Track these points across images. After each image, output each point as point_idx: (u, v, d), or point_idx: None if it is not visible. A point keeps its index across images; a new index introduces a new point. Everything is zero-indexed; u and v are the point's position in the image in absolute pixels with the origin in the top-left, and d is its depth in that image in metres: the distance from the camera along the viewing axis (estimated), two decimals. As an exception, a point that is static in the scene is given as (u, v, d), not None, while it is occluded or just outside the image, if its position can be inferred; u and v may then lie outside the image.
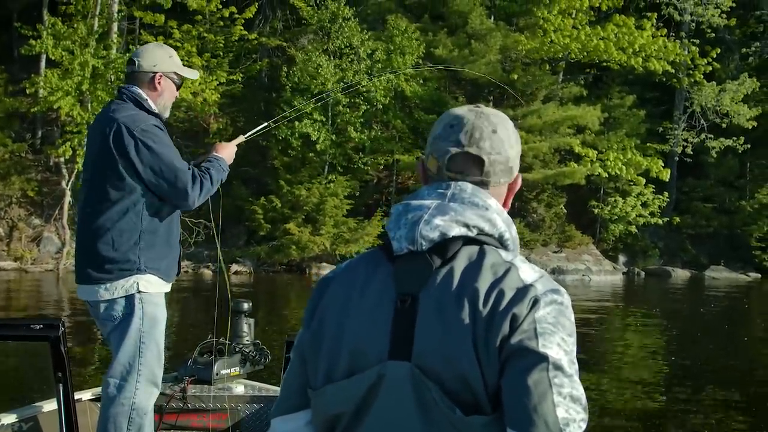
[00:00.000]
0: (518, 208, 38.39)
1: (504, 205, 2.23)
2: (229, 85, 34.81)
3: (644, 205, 39.96)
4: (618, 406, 10.59)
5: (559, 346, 1.93)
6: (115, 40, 32.55)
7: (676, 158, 42.16)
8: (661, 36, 37.72)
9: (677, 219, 41.52)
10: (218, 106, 34.63)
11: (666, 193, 40.31)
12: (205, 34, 34.80)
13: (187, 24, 34.24)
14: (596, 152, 38.24)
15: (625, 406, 10.65)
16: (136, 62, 4.88)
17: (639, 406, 10.80)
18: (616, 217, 39.82)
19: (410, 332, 1.98)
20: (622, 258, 40.94)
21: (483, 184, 2.17)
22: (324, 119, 35.27)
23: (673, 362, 14.84)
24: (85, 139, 5.30)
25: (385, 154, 37.47)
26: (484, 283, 1.98)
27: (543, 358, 1.90)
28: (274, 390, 6.27)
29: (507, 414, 1.90)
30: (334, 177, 35.37)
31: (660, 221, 39.97)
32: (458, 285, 1.99)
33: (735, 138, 40.62)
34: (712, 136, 41.18)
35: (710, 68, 39.13)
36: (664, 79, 39.44)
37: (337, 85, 34.79)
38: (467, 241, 2.07)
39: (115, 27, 33.01)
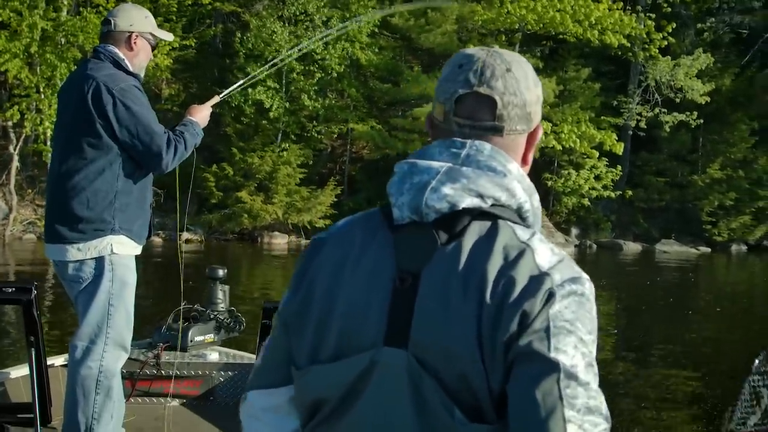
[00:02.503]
0: (472, 180, 38.31)
1: (524, 160, 1.95)
2: (182, 51, 34.32)
3: (597, 178, 40.10)
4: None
5: (576, 348, 1.66)
6: (65, 2, 31.89)
7: (630, 132, 42.32)
8: (618, 9, 37.68)
9: (630, 192, 41.71)
10: (170, 71, 34.11)
11: (619, 167, 40.47)
12: (158, -2, 34.30)
13: (140, -13, 33.68)
14: (550, 125, 38.24)
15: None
16: (112, 22, 4.84)
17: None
18: (569, 189, 39.95)
19: (409, 317, 1.73)
20: (574, 230, 41.10)
21: (496, 131, 1.87)
22: (278, 86, 34.98)
23: (619, 334, 14.92)
24: (57, 99, 5.25)
25: (340, 123, 37.31)
26: (493, 268, 1.71)
27: (554, 366, 1.63)
28: (249, 357, 6.25)
29: (510, 429, 1.66)
30: (287, 145, 35.17)
31: (613, 194, 40.15)
32: (465, 267, 1.72)
33: (688, 113, 40.79)
34: (665, 110, 41.36)
35: (665, 43, 39.14)
36: (620, 53, 39.42)
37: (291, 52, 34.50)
38: (479, 213, 1.78)
39: (65, -12, 32.40)
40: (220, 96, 5.63)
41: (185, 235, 31.94)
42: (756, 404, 2.71)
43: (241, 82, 6.37)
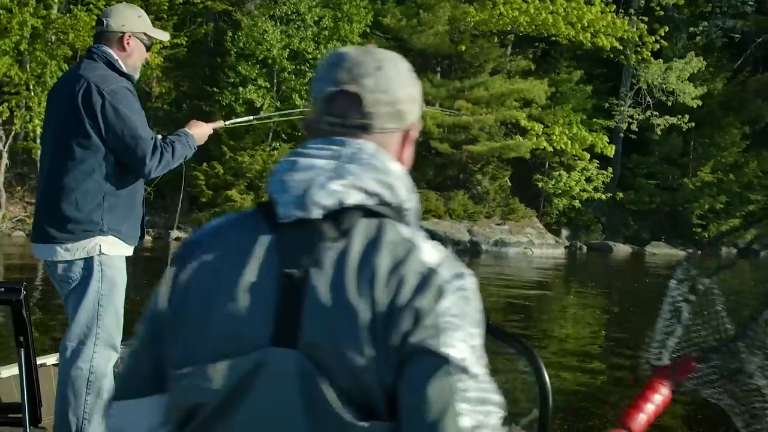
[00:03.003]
0: (463, 180, 38.38)
1: (400, 160, 1.93)
2: (173, 49, 34.22)
3: (588, 180, 40.11)
4: (557, 379, 10.52)
5: (465, 342, 1.68)
6: (55, 0, 31.80)
7: (621, 134, 42.36)
8: (610, 12, 37.70)
9: (620, 195, 41.72)
10: (161, 69, 34.00)
11: (610, 169, 40.48)
12: (150, -4, 34.18)
13: (131, -16, 33.49)
14: (542, 126, 38.25)
15: (562, 380, 10.58)
16: (105, 22, 4.80)
17: (574, 378, 10.76)
18: (560, 191, 39.95)
19: (298, 316, 1.70)
20: (564, 232, 41.10)
21: (364, 129, 1.85)
22: (269, 86, 34.88)
23: (608, 336, 14.90)
24: (46, 100, 5.22)
25: (331, 122, 37.19)
26: (383, 267, 1.70)
27: (445, 361, 1.65)
28: None
29: (404, 426, 1.66)
30: (278, 144, 35.07)
31: (603, 196, 40.13)
32: (354, 265, 1.71)
33: (680, 116, 40.82)
34: (657, 113, 41.39)
35: (658, 46, 39.18)
36: (612, 56, 39.46)
37: (283, 51, 34.44)
38: (366, 212, 1.78)
39: (56, -15, 32.28)
40: (226, 124, 5.65)
41: (175, 234, 31.86)
42: (676, 321, 2.65)
43: (251, 117, 6.34)
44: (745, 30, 45.99)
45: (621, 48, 38.82)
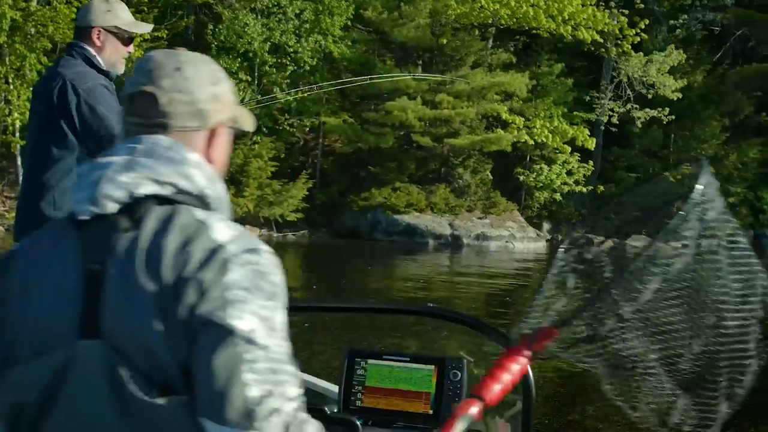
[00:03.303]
0: (444, 174, 38.38)
1: (207, 159, 2.00)
2: (154, 42, 33.98)
3: (569, 173, 40.12)
4: (540, 371, 10.56)
5: (255, 314, 1.76)
6: (35, -8, 31.59)
7: (602, 127, 42.37)
8: (591, 5, 37.71)
9: (601, 188, 41.77)
10: (141, 63, 33.75)
11: (591, 162, 40.52)
12: (129, -11, 33.91)
13: (111, -23, 33.25)
14: (523, 119, 38.25)
15: (545, 372, 10.60)
16: (77, 17, 4.79)
17: (557, 369, 10.78)
18: (541, 184, 39.95)
19: (98, 307, 1.78)
20: (546, 225, 41.12)
21: (162, 128, 1.94)
22: (250, 79, 34.77)
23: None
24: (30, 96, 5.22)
25: (312, 116, 37.15)
26: (171, 246, 1.78)
27: (231, 333, 1.72)
28: None
29: (196, 400, 1.74)
30: (258, 138, 34.95)
31: (585, 190, 40.15)
32: (145, 250, 1.79)
33: (660, 109, 40.88)
34: (637, 106, 41.43)
35: (638, 39, 39.20)
36: (593, 49, 39.43)
37: (264, 44, 34.32)
38: (160, 200, 1.86)
39: (35, -22, 32.03)
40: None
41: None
42: (561, 291, 2.65)
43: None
44: (725, 23, 46.09)
45: (601, 41, 38.83)
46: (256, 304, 1.77)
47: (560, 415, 9.35)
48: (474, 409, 2.36)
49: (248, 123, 2.14)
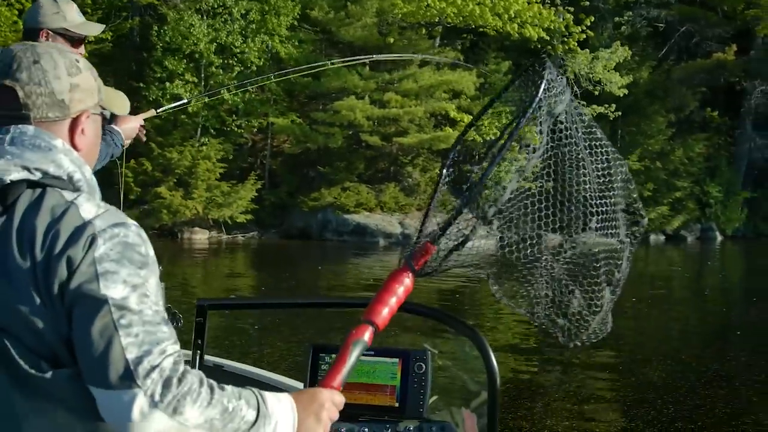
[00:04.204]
0: (393, 173, 38.43)
1: (73, 146, 2.07)
2: (98, 44, 33.69)
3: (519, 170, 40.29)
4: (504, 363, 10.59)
5: (125, 282, 1.85)
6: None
7: (550, 124, 42.60)
8: (536, 3, 37.92)
9: (549, 184, 41.99)
10: (86, 65, 33.44)
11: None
12: (73, -10, 33.48)
13: (53, -21, 32.87)
14: (471, 117, 38.34)
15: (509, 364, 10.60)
16: (25, 18, 4.65)
17: (517, 361, 10.79)
18: (490, 182, 40.05)
19: None
20: (496, 222, 41.25)
21: (24, 119, 2.01)
22: (196, 80, 34.56)
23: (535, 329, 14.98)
24: None
25: (260, 117, 37.02)
26: (41, 226, 1.87)
27: (103, 301, 1.82)
28: (186, 353, 6.07)
29: (82, 369, 1.83)
30: (206, 140, 34.82)
31: (533, 186, 40.25)
32: (17, 231, 1.87)
33: (607, 105, 41.21)
34: (584, 103, 41.68)
35: (584, 36, 39.53)
36: (539, 46, 39.68)
37: (210, 45, 34.15)
38: (30, 185, 1.94)
39: (-25, -19, 31.59)
40: (157, 111, 5.48)
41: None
42: (441, 209, 2.79)
43: (184, 101, 6.21)
44: (669, 19, 46.63)
45: (548, 38, 39.08)
46: (125, 273, 1.86)
47: (524, 407, 9.38)
48: (366, 334, 2.45)
49: (119, 106, 2.32)
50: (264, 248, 33.22)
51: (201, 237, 34.27)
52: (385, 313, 2.51)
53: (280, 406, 2.09)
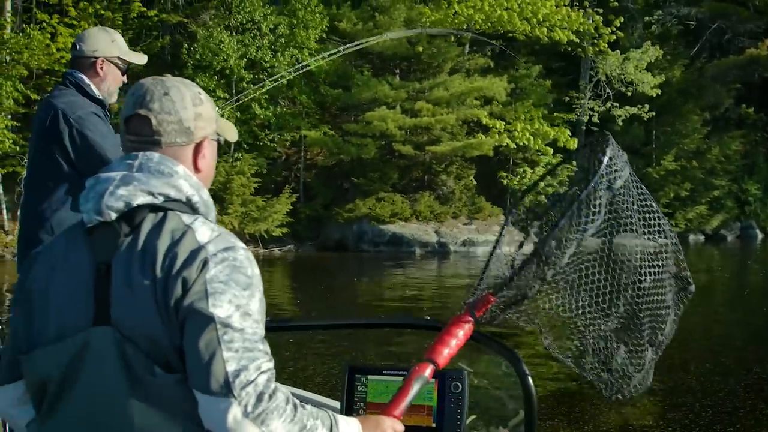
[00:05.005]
0: (427, 181, 38.35)
1: (196, 167, 2.38)
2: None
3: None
4: (541, 380, 10.46)
5: (231, 302, 2.11)
6: (8, 20, 31.52)
7: (583, 127, 42.45)
8: (565, 5, 37.77)
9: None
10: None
11: (574, 162, 40.46)
12: (103, 12, 33.79)
13: (84, 1, 33.18)
14: (504, 123, 38.27)
15: (547, 381, 10.48)
16: (78, 46, 4.77)
17: (558, 376, 10.68)
18: (525, 187, 39.91)
19: (107, 299, 2.14)
20: (533, 229, 41.05)
21: (156, 144, 2.30)
22: (227, 96, 34.70)
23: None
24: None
25: (292, 131, 37.11)
26: (162, 247, 2.14)
27: (210, 319, 2.07)
28: None
29: (188, 375, 2.10)
30: (240, 155, 34.91)
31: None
32: (141, 250, 2.15)
33: (640, 106, 41.00)
34: (617, 104, 41.53)
35: (614, 37, 39.32)
36: (569, 49, 39.54)
37: (240, 61, 34.28)
38: (154, 208, 2.22)
39: (8, 5, 31.96)
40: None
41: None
42: (500, 262, 3.04)
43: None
44: (700, 16, 46.30)
45: (578, 41, 38.91)
46: (231, 294, 2.11)
47: (560, 413, 9.28)
48: (428, 371, 2.75)
49: (231, 134, 2.53)
50: (300, 261, 33.25)
51: (238, 252, 34.40)
52: (445, 353, 2.81)
53: (349, 428, 2.39)
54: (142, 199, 2.19)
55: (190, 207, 2.28)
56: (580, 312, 2.90)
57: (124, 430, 2.15)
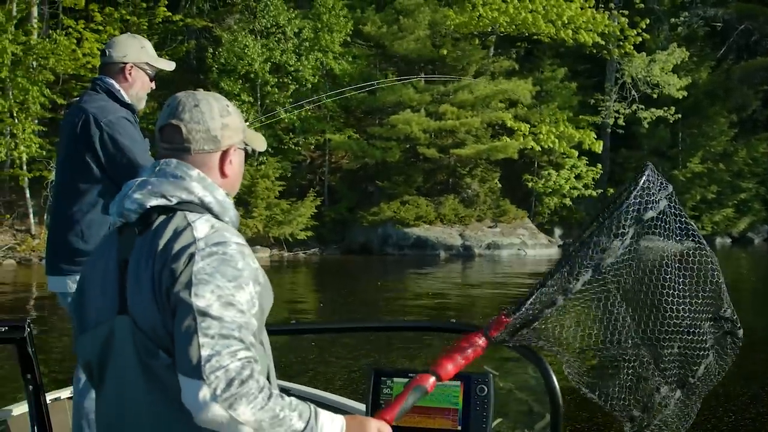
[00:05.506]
0: (452, 184, 38.31)
1: (222, 173, 2.62)
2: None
3: (578, 177, 40.02)
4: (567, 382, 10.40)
5: (213, 293, 2.29)
6: (35, 25, 31.69)
7: (609, 130, 42.28)
8: (590, 7, 37.65)
9: (611, 190, 41.53)
10: (145, 90, 33.77)
11: (599, 165, 40.42)
12: (128, 17, 33.93)
13: (110, 7, 33.35)
14: (529, 126, 38.17)
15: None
16: (107, 53, 4.87)
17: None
18: (550, 190, 39.84)
19: (124, 290, 2.43)
20: (557, 231, 40.99)
21: (185, 151, 2.56)
22: (252, 100, 34.77)
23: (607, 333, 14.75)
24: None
25: (317, 134, 37.13)
26: (162, 243, 2.39)
27: (190, 307, 2.27)
28: None
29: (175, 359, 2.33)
30: (264, 158, 34.93)
31: (594, 193, 40.01)
32: (148, 247, 2.42)
33: (666, 108, 40.82)
34: (643, 106, 41.33)
35: (640, 39, 39.18)
36: (595, 51, 39.44)
37: (264, 65, 34.35)
38: (166, 209, 2.47)
39: (35, 12, 32.13)
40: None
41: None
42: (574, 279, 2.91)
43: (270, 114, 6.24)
44: (726, 18, 46.02)
45: (603, 43, 38.80)
46: (214, 285, 2.30)
47: (582, 418, 9.21)
48: (428, 383, 2.83)
49: (259, 144, 2.78)
50: (325, 264, 33.27)
51: (263, 255, 34.39)
52: (449, 368, 2.89)
53: (331, 426, 2.48)
54: (154, 201, 2.46)
55: (204, 207, 2.50)
56: (593, 339, 2.95)
57: (140, 411, 2.42)
